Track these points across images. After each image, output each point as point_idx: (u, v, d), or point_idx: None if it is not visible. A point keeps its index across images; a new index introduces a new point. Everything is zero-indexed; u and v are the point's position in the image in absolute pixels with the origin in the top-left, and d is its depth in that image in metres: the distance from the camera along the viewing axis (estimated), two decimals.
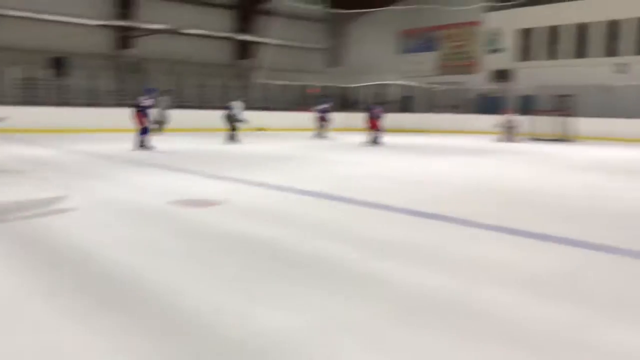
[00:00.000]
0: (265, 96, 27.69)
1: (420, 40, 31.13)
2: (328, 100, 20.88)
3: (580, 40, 24.95)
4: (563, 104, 20.90)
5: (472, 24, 28.64)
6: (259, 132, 19.91)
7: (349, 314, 3.06)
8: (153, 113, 14.51)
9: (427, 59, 30.74)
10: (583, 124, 19.71)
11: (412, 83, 29.07)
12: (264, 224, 5.40)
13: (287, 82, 28.34)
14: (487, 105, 26.09)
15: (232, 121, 16.45)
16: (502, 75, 27.32)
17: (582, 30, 24.81)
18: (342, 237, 4.88)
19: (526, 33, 26.89)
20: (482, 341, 2.74)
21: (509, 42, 27.37)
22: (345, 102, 29.22)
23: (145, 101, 13.32)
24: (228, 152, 13.57)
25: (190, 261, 4.09)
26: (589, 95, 22.64)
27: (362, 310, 3.12)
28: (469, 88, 27.49)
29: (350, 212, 6.17)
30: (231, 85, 25.75)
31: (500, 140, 19.13)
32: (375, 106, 17.20)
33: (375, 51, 32.71)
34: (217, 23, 29.02)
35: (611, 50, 23.97)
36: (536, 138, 20.01)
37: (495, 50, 27.94)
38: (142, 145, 13.24)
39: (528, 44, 26.98)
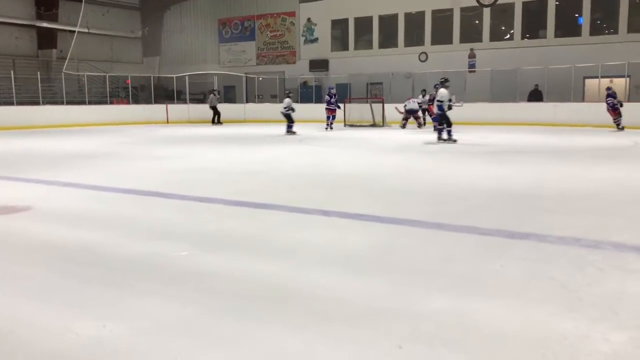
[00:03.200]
0: (79, 89, 25.60)
1: (239, 29, 31.15)
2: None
3: (389, 31, 26.97)
4: (374, 91, 22.47)
5: (288, 14, 29.39)
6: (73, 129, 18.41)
7: (180, 313, 2.97)
8: None
9: (247, 48, 30.90)
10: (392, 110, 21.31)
11: (233, 72, 29.01)
12: (80, 228, 5.00)
13: (98, 73, 26.50)
14: (308, 94, 27.06)
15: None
16: (319, 64, 28.50)
17: (390, 22, 26.82)
18: (171, 234, 4.72)
19: (339, 24, 28.33)
20: (313, 323, 2.84)
21: (324, 32, 28.61)
22: (165, 93, 28.20)
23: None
24: (33, 151, 12.33)
25: None
26: (396, 82, 24.65)
27: (195, 308, 3.04)
28: (289, 77, 28.22)
29: (178, 207, 5.99)
30: (33, 77, 23.27)
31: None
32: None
33: (194, 40, 32.07)
34: (15, 9, 26.06)
35: (415, 40, 26.31)
36: (351, 124, 21.09)
37: (311, 41, 29.02)
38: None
39: (341, 34, 28.48)
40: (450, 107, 13.22)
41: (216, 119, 23.40)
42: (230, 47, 31.38)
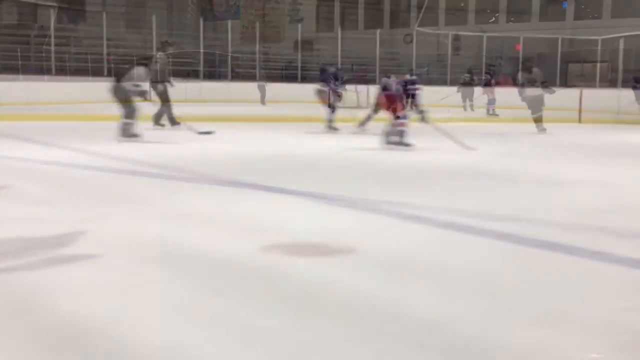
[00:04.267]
0: (60, 65, 25.12)
1: (223, 7, 30.76)
2: None
3: (375, 13, 26.85)
4: (359, 73, 22.41)
5: None
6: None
7: (162, 293, 2.97)
8: None
9: (232, 27, 30.51)
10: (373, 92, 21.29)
11: (217, 51, 28.68)
12: (60, 206, 4.94)
13: (80, 49, 26.02)
14: (293, 74, 26.88)
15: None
16: (304, 44, 28.28)
17: (376, 3, 26.68)
18: (153, 213, 4.69)
19: (325, 4, 28.11)
20: (293, 303, 2.87)
21: (309, 12, 28.38)
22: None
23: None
24: (12, 128, 12.12)
25: None
26: (381, 63, 24.60)
27: (177, 287, 3.04)
28: (274, 57, 27.98)
29: (160, 186, 5.96)
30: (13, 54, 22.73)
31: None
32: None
33: (178, 17, 31.60)
34: None
35: (401, 22, 26.24)
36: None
37: (296, 20, 28.78)
38: None
39: (327, 15, 28.27)
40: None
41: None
42: (214, 26, 30.98)
